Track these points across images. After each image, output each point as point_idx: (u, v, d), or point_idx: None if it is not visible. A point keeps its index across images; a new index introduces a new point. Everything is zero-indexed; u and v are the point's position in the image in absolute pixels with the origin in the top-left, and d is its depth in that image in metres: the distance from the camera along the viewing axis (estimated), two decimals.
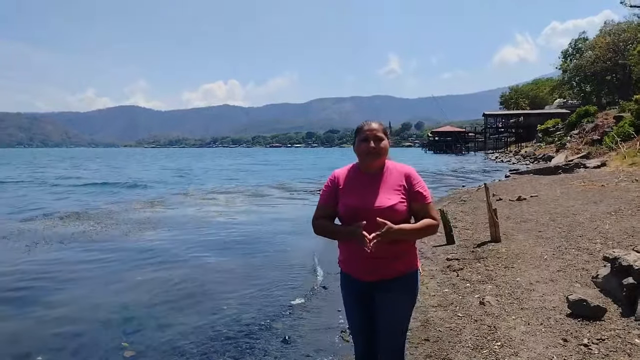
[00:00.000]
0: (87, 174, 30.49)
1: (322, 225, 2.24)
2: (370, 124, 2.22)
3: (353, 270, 2.23)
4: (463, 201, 11.53)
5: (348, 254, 2.23)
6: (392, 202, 2.11)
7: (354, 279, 2.24)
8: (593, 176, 13.79)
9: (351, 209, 2.15)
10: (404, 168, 2.23)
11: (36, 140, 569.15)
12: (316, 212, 2.29)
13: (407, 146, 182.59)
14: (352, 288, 2.27)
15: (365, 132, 2.19)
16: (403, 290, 2.20)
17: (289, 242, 8.13)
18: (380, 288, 2.17)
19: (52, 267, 6.47)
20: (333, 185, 2.27)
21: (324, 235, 2.24)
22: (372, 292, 2.21)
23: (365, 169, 2.23)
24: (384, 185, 2.16)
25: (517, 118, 63.35)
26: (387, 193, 2.14)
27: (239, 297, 5.11)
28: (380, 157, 2.19)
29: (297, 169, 35.57)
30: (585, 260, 5.09)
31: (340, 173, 2.29)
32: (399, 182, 2.17)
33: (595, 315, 3.48)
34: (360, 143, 2.19)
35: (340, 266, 2.34)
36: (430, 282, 4.91)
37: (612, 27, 47.77)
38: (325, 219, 2.26)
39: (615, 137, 20.63)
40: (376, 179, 2.19)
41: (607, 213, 7.53)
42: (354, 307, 2.31)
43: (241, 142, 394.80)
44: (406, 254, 2.20)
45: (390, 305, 2.18)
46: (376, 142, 2.16)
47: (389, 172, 2.21)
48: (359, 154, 2.22)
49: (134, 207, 13.04)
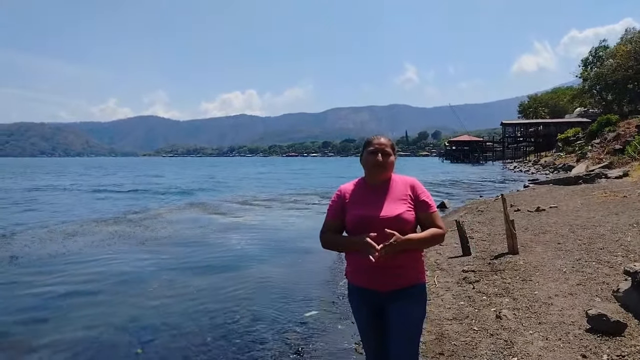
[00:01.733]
0: (128, 182, 32.07)
1: (330, 238, 2.27)
2: (379, 138, 2.29)
3: (361, 281, 2.23)
4: (480, 212, 11.38)
5: (356, 265, 2.24)
6: (399, 212, 2.15)
7: (363, 290, 2.23)
8: (614, 186, 13.48)
9: (359, 219, 2.18)
10: (408, 179, 2.29)
11: (59, 150, 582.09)
12: (323, 227, 2.32)
13: (424, 155, 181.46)
14: (361, 300, 2.27)
15: (375, 145, 2.25)
16: (413, 300, 2.20)
17: (308, 250, 8.15)
18: (390, 299, 2.17)
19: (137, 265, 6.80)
20: (339, 199, 2.30)
21: (331, 248, 2.29)
22: (382, 303, 2.21)
23: (371, 181, 2.29)
24: (390, 196, 2.21)
25: (537, 127, 62.58)
26: (393, 203, 2.18)
27: (253, 309, 5.13)
28: (387, 171, 2.25)
29: (336, 177, 36.44)
30: (605, 273, 4.96)
31: (346, 187, 2.34)
32: (405, 192, 2.22)
33: (616, 330, 3.39)
34: (368, 155, 2.26)
35: (347, 277, 2.35)
36: (446, 295, 4.85)
37: (634, 35, 46.97)
38: (333, 232, 2.29)
39: (637, 146, 20.19)
40: (382, 190, 2.24)
41: (629, 225, 7.34)
42: (364, 318, 2.30)
43: (258, 152, 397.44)
44: (414, 264, 2.21)
45: (402, 315, 2.17)
46: (384, 156, 2.22)
47: (394, 183, 2.27)
48: (366, 166, 2.28)
49: (201, 213, 13.44)
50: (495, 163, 63.51)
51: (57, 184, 29.36)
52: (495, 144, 77.96)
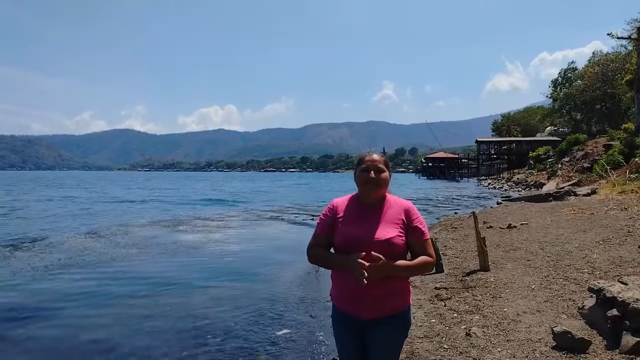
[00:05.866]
0: (142, 193, 33.80)
1: (318, 253, 2.20)
2: (372, 155, 2.24)
3: (345, 306, 2.18)
4: (454, 228, 11.53)
5: (340, 287, 2.19)
6: (390, 235, 2.09)
7: (346, 316, 2.18)
8: (583, 204, 13.86)
9: (347, 238, 2.12)
10: (403, 203, 2.23)
11: (29, 163, 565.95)
12: (312, 240, 2.25)
13: (401, 171, 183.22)
14: (344, 323, 2.21)
15: (367, 163, 2.20)
16: (396, 328, 2.16)
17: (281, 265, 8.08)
18: (373, 325, 2.13)
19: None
20: (331, 214, 2.24)
21: (318, 264, 2.22)
22: (364, 328, 2.16)
23: (364, 199, 2.22)
24: (384, 218, 2.15)
25: (509, 145, 64.10)
26: (385, 226, 2.12)
27: (224, 327, 5.04)
28: (380, 188, 2.19)
29: (333, 191, 37.01)
30: (572, 290, 5.08)
31: (339, 202, 2.27)
32: (399, 215, 2.16)
33: (580, 347, 3.45)
34: (360, 173, 2.20)
35: (332, 300, 2.29)
36: (418, 312, 4.87)
37: (601, 58, 49.01)
38: (321, 247, 2.22)
39: (605, 165, 20.87)
40: (376, 211, 2.18)
41: (596, 242, 7.55)
42: (344, 341, 2.25)
43: (235, 166, 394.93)
44: (399, 291, 2.16)
45: (383, 344, 2.14)
46: (377, 173, 2.17)
47: (388, 205, 2.20)
48: (359, 183, 2.22)
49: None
50: (470, 180, 64.57)
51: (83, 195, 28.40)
52: (471, 161, 79.43)
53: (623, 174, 18.01)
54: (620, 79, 37.49)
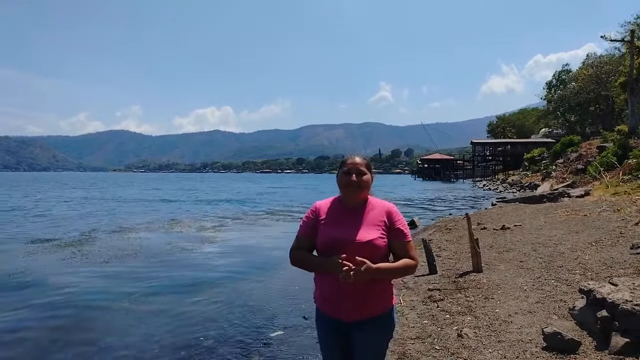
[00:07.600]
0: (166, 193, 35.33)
1: (300, 256, 2.21)
2: (354, 158, 2.24)
3: (327, 309, 2.19)
4: (449, 230, 11.57)
5: (324, 290, 2.19)
6: (372, 237, 2.09)
7: (328, 318, 2.20)
8: (576, 205, 13.95)
9: (329, 240, 2.13)
10: (385, 205, 2.23)
11: (23, 164, 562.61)
12: (295, 243, 2.25)
13: (397, 173, 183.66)
14: (328, 326, 2.22)
15: (348, 165, 2.20)
16: (379, 330, 2.17)
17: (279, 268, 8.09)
18: (356, 327, 2.14)
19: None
20: (314, 216, 2.24)
21: (300, 267, 2.21)
22: (348, 331, 2.17)
23: (346, 202, 2.22)
24: (365, 220, 2.15)
25: (504, 146, 64.35)
26: (367, 228, 2.12)
27: (218, 329, 5.04)
28: (362, 191, 2.19)
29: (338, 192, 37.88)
30: (563, 291, 5.12)
31: (322, 204, 2.27)
32: (380, 217, 2.16)
33: (570, 348, 3.49)
34: (342, 175, 2.20)
35: (315, 302, 2.29)
36: (411, 314, 4.89)
37: (595, 60, 49.31)
38: (304, 250, 2.23)
39: (598, 166, 21.00)
40: (357, 213, 2.18)
41: (588, 243, 7.61)
42: (328, 344, 2.26)
43: (231, 168, 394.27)
44: (381, 294, 2.16)
45: (366, 345, 2.14)
46: (358, 175, 2.17)
47: (370, 207, 2.20)
48: (341, 186, 2.22)
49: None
50: (465, 181, 64.76)
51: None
52: (466, 163, 79.68)
53: (616, 175, 18.13)
54: (613, 81, 37.75)
